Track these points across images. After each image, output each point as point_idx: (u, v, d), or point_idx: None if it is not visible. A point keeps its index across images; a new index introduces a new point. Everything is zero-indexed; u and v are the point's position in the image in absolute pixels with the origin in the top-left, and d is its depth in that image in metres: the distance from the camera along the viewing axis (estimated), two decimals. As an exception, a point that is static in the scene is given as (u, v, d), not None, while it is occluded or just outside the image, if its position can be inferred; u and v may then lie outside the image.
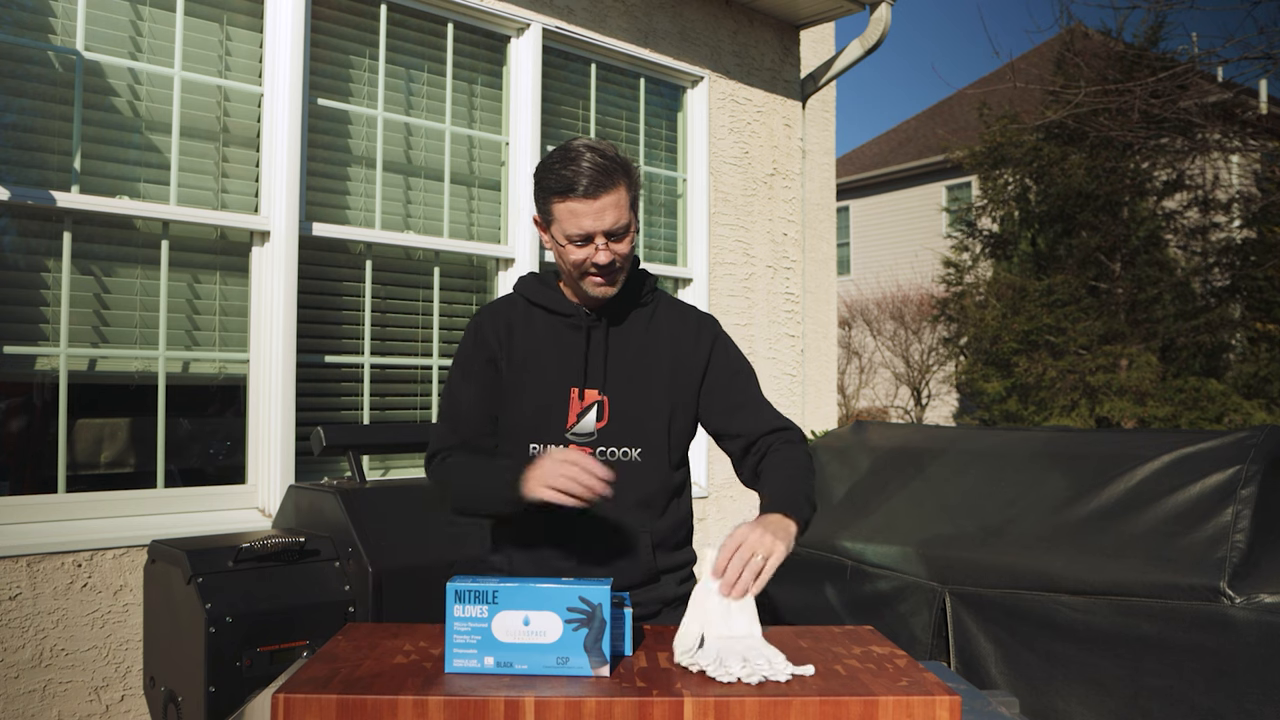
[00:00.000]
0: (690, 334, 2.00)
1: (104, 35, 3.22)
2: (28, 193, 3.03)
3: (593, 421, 1.91)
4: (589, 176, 1.79)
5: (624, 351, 1.95)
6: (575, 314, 1.95)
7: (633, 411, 1.93)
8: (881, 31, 5.08)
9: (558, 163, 1.82)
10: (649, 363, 1.95)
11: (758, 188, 5.14)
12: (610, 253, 1.83)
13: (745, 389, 1.99)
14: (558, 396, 1.91)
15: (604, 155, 1.82)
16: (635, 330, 1.97)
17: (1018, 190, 11.49)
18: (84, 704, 3.00)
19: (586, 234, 1.81)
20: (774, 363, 5.17)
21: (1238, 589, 2.35)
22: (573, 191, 1.79)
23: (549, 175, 1.83)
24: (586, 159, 1.80)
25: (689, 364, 1.98)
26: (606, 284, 1.88)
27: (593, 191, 1.79)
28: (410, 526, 2.97)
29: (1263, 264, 10.45)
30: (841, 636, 1.72)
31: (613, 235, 1.83)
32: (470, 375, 1.96)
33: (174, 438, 3.38)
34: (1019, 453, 3.16)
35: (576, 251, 1.84)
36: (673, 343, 1.98)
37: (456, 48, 4.07)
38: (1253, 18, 24.11)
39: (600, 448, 1.91)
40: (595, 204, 1.80)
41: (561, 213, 1.82)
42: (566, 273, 1.91)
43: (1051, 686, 2.62)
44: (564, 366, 1.93)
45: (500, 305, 2.02)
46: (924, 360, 15.78)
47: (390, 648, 1.59)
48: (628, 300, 1.98)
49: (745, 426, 1.96)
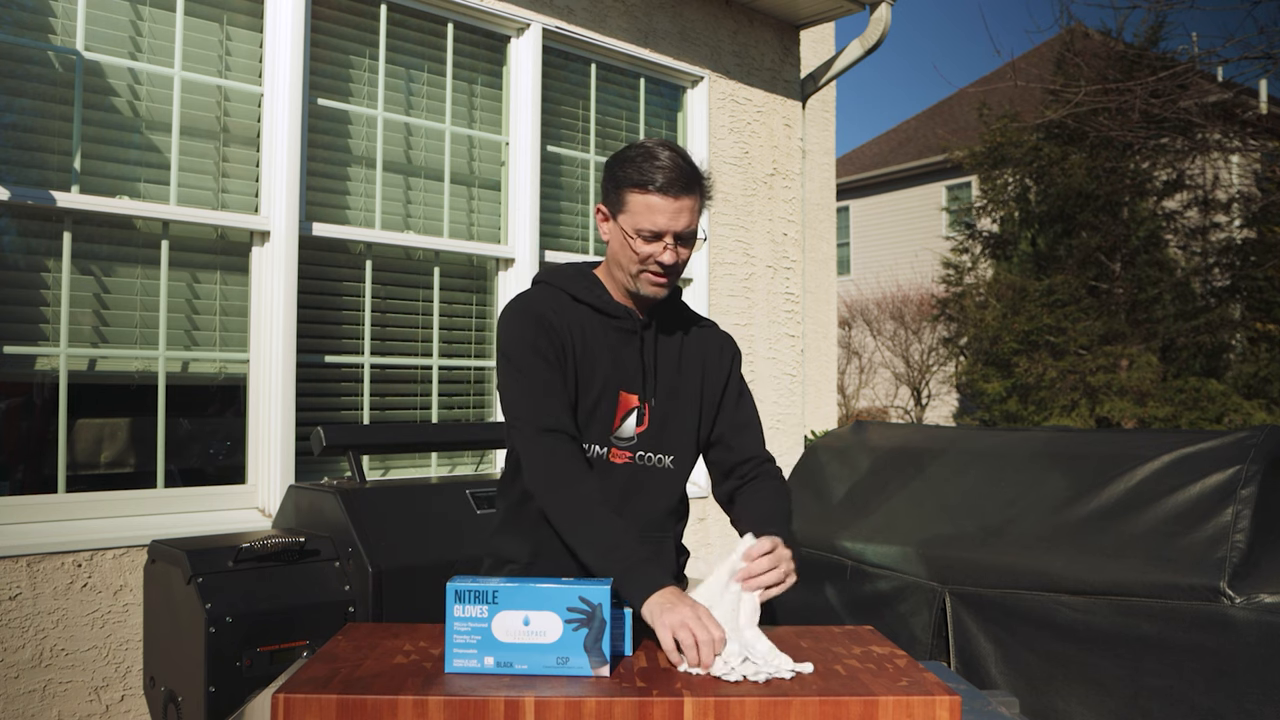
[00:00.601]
0: (716, 349, 2.04)
1: (104, 35, 3.22)
2: (28, 193, 3.03)
3: (633, 426, 1.92)
4: (672, 175, 1.81)
5: (666, 360, 1.97)
6: (627, 317, 1.93)
7: (670, 420, 1.95)
8: (881, 31, 5.08)
9: (639, 156, 1.83)
10: (686, 373, 1.98)
11: (758, 188, 5.14)
12: (675, 255, 1.85)
13: (747, 410, 2.05)
14: (606, 398, 1.90)
15: (685, 159, 1.84)
16: (675, 340, 1.99)
17: (1018, 190, 11.49)
18: (84, 704, 3.00)
19: (659, 231, 1.82)
20: (774, 363, 5.17)
21: (1238, 589, 2.35)
22: (654, 185, 1.80)
23: (628, 166, 1.84)
24: (668, 157, 1.82)
25: (714, 378, 2.02)
26: (664, 285, 1.88)
27: (674, 191, 1.81)
28: (410, 526, 2.97)
29: (1263, 264, 10.45)
30: (841, 636, 1.72)
31: (681, 239, 1.84)
32: (551, 364, 1.85)
33: (174, 438, 3.38)
34: (1019, 453, 3.16)
35: (644, 246, 1.84)
36: (703, 356, 2.01)
37: (456, 48, 4.07)
38: (1253, 18, 24.13)
39: (639, 452, 1.92)
40: (675, 203, 1.81)
41: (637, 205, 1.82)
42: (623, 267, 1.88)
43: (1051, 686, 2.62)
44: (616, 368, 1.91)
45: (545, 296, 1.92)
46: (924, 360, 15.78)
47: (390, 648, 1.59)
48: (668, 309, 1.99)
49: (742, 446, 2.01)
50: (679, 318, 2.03)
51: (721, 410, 2.02)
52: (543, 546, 1.90)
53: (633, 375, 1.92)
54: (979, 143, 11.59)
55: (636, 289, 1.89)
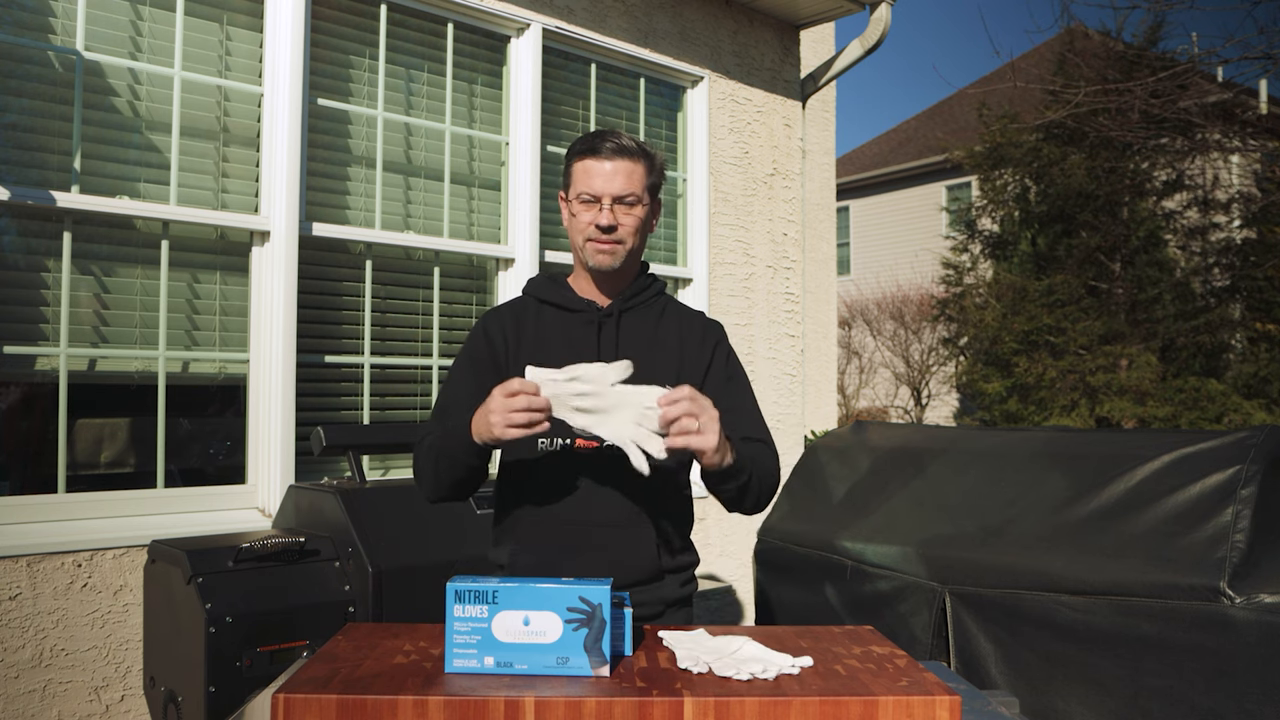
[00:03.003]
0: (696, 336, 2.03)
1: (104, 35, 3.22)
2: (28, 193, 3.03)
3: None
4: (610, 143, 1.92)
5: (633, 347, 1.96)
6: (586, 309, 1.99)
7: None
8: (881, 31, 5.08)
9: (586, 135, 1.97)
10: (657, 360, 1.96)
11: (758, 188, 5.14)
12: (612, 216, 1.91)
13: (736, 395, 2.01)
14: None
15: (629, 137, 1.96)
16: (645, 328, 2.01)
17: (1017, 190, 11.49)
18: (84, 704, 3.00)
19: (596, 194, 1.91)
20: (774, 363, 5.17)
21: (1238, 589, 2.35)
22: (591, 152, 1.92)
23: (576, 143, 1.98)
24: (614, 133, 1.95)
25: (693, 365, 2.00)
26: (607, 251, 1.93)
27: (608, 153, 1.91)
28: (410, 526, 2.97)
29: (1263, 264, 10.45)
30: (841, 636, 1.72)
31: (620, 201, 1.91)
32: (467, 372, 1.99)
33: (174, 438, 3.38)
34: (1019, 453, 3.16)
35: (584, 212, 1.93)
36: (680, 343, 2.01)
37: (456, 48, 4.07)
38: (1253, 18, 24.13)
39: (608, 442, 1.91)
40: (609, 165, 1.91)
41: (577, 171, 1.94)
42: (576, 246, 1.97)
43: (1051, 686, 2.62)
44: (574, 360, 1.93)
45: (508, 306, 2.07)
46: (924, 360, 15.78)
47: (390, 648, 1.59)
48: (637, 298, 2.02)
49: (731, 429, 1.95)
50: (654, 307, 2.04)
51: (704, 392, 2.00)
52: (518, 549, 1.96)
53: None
54: (979, 143, 11.59)
55: (587, 261, 1.96)
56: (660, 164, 2.00)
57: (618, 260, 1.94)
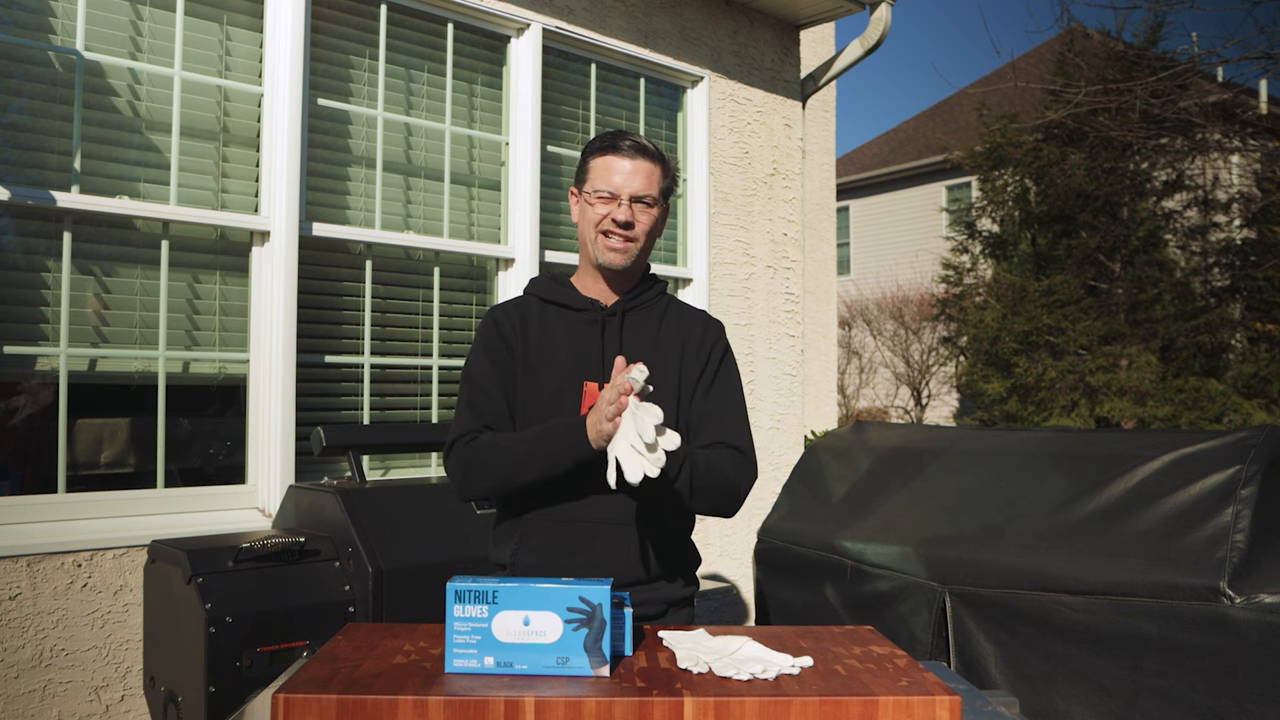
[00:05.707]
0: (697, 334, 2.05)
1: (104, 35, 3.22)
2: (28, 193, 3.03)
3: None
4: (631, 142, 1.96)
5: (637, 346, 1.98)
6: (590, 308, 2.00)
7: None
8: (881, 31, 5.08)
9: (606, 133, 2.01)
10: (660, 358, 1.98)
11: (758, 188, 5.14)
12: (630, 213, 1.93)
13: (723, 398, 2.01)
14: (571, 388, 1.95)
15: (649, 140, 2.02)
16: (648, 326, 2.02)
17: (1017, 191, 11.48)
18: (84, 704, 3.00)
19: (614, 191, 1.93)
20: (774, 363, 5.17)
21: (1238, 589, 2.35)
22: (613, 149, 1.96)
23: (595, 141, 2.01)
24: (633, 134, 2.00)
25: (693, 363, 2.02)
26: (619, 249, 1.95)
27: (630, 152, 1.95)
28: (410, 526, 2.97)
29: (1263, 264, 10.44)
30: (841, 636, 1.72)
31: (637, 200, 1.94)
32: (489, 361, 1.99)
33: (174, 438, 3.38)
34: (1019, 453, 3.16)
35: (600, 206, 1.95)
36: (681, 341, 2.03)
37: (456, 48, 4.07)
38: (1253, 18, 24.14)
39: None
40: (629, 164, 1.94)
41: (597, 167, 1.97)
42: (586, 240, 1.99)
43: (1051, 686, 2.62)
44: (579, 359, 1.97)
45: (513, 303, 2.07)
46: (924, 360, 15.78)
47: (390, 648, 1.59)
48: (640, 298, 2.04)
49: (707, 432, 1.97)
50: (657, 307, 2.06)
51: (695, 393, 2.02)
52: (520, 549, 1.96)
53: (594, 364, 1.96)
54: (979, 143, 11.59)
55: (597, 258, 1.97)
56: (674, 170, 2.03)
57: (629, 259, 1.96)
